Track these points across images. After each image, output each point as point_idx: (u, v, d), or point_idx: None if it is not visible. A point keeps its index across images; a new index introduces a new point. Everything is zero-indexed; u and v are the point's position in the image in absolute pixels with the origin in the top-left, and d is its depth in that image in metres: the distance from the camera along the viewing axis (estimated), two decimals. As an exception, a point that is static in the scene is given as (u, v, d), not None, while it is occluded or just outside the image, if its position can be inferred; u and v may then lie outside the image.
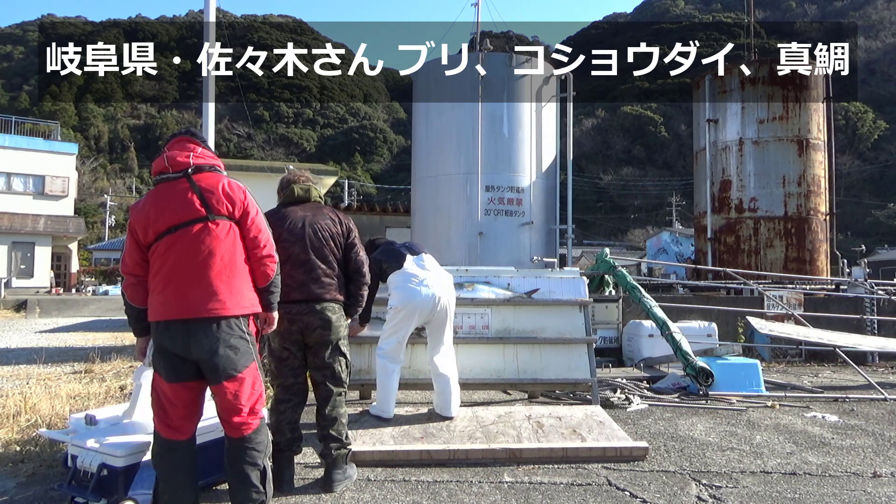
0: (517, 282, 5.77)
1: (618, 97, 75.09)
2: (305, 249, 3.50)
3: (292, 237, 3.51)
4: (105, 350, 9.07)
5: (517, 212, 9.98)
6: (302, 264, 3.48)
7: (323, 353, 3.50)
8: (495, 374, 5.34)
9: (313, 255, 3.51)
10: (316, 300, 3.47)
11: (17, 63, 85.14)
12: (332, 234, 3.60)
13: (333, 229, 3.62)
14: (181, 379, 2.79)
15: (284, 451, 3.44)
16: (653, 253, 31.09)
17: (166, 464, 2.81)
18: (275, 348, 3.52)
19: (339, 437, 3.50)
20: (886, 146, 60.86)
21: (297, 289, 3.44)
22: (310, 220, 3.59)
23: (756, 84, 11.87)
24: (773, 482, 3.68)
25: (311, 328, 3.45)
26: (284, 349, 3.50)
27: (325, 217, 3.65)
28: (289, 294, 3.37)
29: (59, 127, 38.60)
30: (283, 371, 3.53)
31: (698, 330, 8.02)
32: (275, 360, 3.54)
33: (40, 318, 19.34)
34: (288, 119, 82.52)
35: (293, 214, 3.60)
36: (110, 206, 51.73)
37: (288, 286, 3.36)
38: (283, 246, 3.41)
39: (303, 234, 3.53)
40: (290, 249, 3.47)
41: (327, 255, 3.56)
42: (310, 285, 3.46)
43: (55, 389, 5.93)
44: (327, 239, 3.58)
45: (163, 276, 2.81)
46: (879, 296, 9.47)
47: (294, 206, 3.67)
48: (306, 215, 3.61)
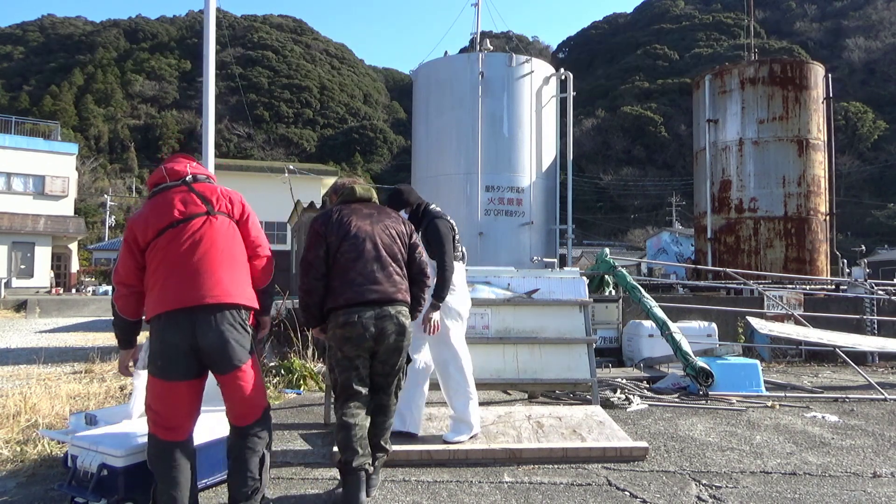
0: (517, 282, 5.78)
1: (618, 97, 75.15)
2: (377, 247, 3.32)
3: (362, 234, 3.32)
4: (105, 350, 9.08)
5: (517, 212, 9.99)
6: (375, 260, 3.29)
7: (394, 360, 3.31)
8: (495, 374, 5.33)
9: (385, 252, 3.33)
10: (390, 302, 3.26)
11: (17, 63, 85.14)
12: (399, 233, 3.47)
13: (398, 228, 3.49)
14: (183, 377, 2.77)
15: (358, 471, 3.12)
16: (653, 253, 31.09)
17: (165, 465, 2.77)
18: (341, 357, 3.24)
19: (386, 447, 3.41)
20: (886, 146, 60.84)
21: (370, 287, 3.22)
22: (376, 219, 3.44)
23: (756, 84, 11.88)
24: (773, 482, 3.68)
25: (386, 334, 3.23)
26: (355, 358, 3.22)
27: (390, 215, 3.54)
28: (362, 294, 3.20)
29: (59, 127, 38.62)
30: (353, 381, 3.23)
31: (698, 330, 8.03)
32: (342, 369, 3.24)
33: (40, 318, 19.34)
34: (288, 119, 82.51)
35: (359, 211, 3.44)
36: (110, 206, 51.73)
37: (360, 285, 3.21)
38: (353, 243, 3.28)
39: (373, 232, 3.35)
40: (361, 246, 3.29)
41: (396, 253, 3.40)
42: (384, 284, 3.26)
43: (55, 389, 5.93)
44: (395, 237, 3.43)
45: (163, 269, 2.81)
46: (879, 296, 9.47)
47: (357, 205, 3.50)
48: (373, 213, 3.47)
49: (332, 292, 3.26)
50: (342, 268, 3.25)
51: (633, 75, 78.99)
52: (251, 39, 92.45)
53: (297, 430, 4.74)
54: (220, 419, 3.50)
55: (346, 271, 3.24)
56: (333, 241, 3.28)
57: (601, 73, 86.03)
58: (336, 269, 3.26)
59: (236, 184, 31.56)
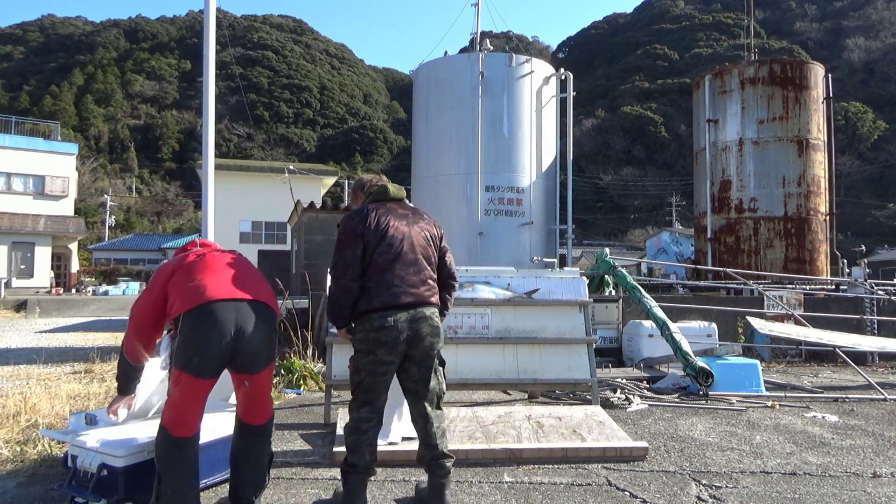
0: (517, 282, 5.77)
1: (618, 97, 75.14)
2: (413, 248, 3.25)
3: (399, 234, 3.23)
4: (105, 350, 9.08)
5: (517, 212, 9.99)
6: (411, 264, 3.21)
7: (429, 363, 3.22)
8: (495, 374, 5.33)
9: (420, 255, 3.27)
10: (425, 304, 3.20)
11: (17, 63, 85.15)
12: (432, 236, 3.40)
13: (431, 230, 3.41)
14: (213, 375, 2.85)
15: (361, 474, 3.13)
16: (653, 253, 31.09)
17: (174, 460, 2.80)
18: (370, 362, 3.13)
19: (449, 453, 3.24)
20: (886, 146, 60.84)
21: (406, 291, 3.15)
22: (411, 220, 3.35)
23: (756, 84, 11.87)
24: (773, 482, 3.68)
25: (421, 337, 3.15)
26: (385, 363, 3.12)
27: (423, 218, 3.44)
28: (398, 297, 3.11)
29: (59, 127, 38.61)
30: (378, 388, 3.15)
31: (698, 330, 8.03)
32: (369, 375, 3.13)
33: (40, 318, 19.34)
34: (288, 119, 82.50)
35: (395, 211, 3.34)
36: (110, 206, 51.75)
37: (397, 288, 3.13)
38: (390, 243, 3.19)
39: (409, 233, 3.27)
40: (399, 247, 3.20)
41: (430, 256, 3.33)
42: (419, 287, 3.20)
43: (55, 389, 5.94)
44: (428, 240, 3.36)
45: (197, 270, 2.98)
46: (879, 296, 9.47)
47: (392, 204, 3.39)
48: (407, 213, 3.37)
49: (366, 294, 3.16)
50: (379, 269, 3.16)
51: (633, 75, 79.00)
52: (251, 39, 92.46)
53: (297, 430, 4.74)
54: (219, 419, 3.50)
55: (382, 273, 3.16)
56: (371, 240, 3.18)
57: (601, 73, 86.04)
58: (372, 270, 3.17)
59: (236, 184, 31.73)
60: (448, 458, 3.20)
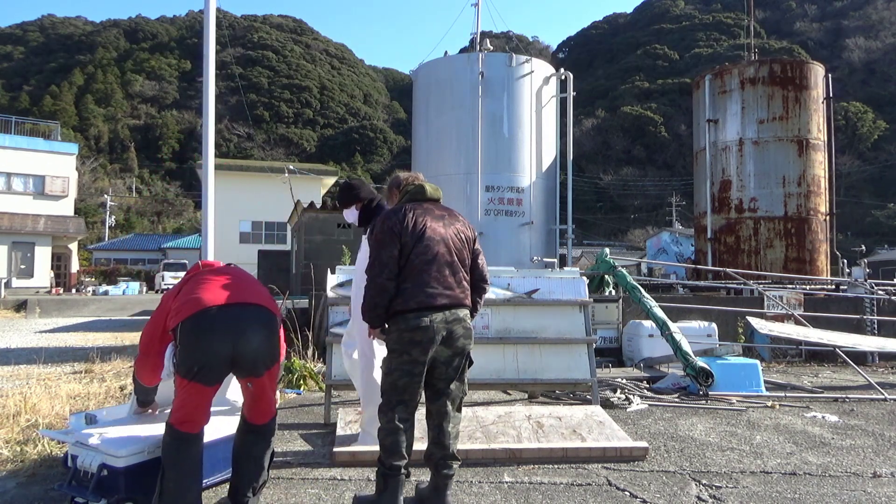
0: (517, 282, 5.77)
1: (618, 97, 75.14)
2: (450, 250, 3.25)
3: (437, 236, 3.23)
4: (105, 350, 9.08)
5: (517, 212, 9.99)
6: (448, 265, 3.22)
7: (458, 362, 3.23)
8: (495, 374, 5.33)
9: (456, 258, 3.28)
10: (460, 306, 3.22)
11: (17, 63, 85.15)
12: (467, 238, 3.39)
13: (466, 233, 3.41)
14: (217, 381, 2.94)
15: (398, 476, 3.11)
16: (653, 253, 31.09)
17: (179, 455, 2.86)
18: (404, 362, 3.12)
19: (457, 455, 3.24)
20: (886, 146, 60.85)
21: (443, 293, 3.16)
22: (448, 221, 3.35)
23: (756, 84, 11.87)
24: (773, 482, 3.68)
25: (455, 337, 3.16)
26: (420, 363, 3.11)
27: (458, 220, 3.44)
28: (434, 298, 3.13)
29: (59, 127, 38.62)
30: (412, 388, 3.13)
31: (698, 330, 8.02)
32: (404, 375, 3.11)
33: (40, 318, 19.34)
34: (288, 119, 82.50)
35: (431, 212, 3.33)
36: (110, 206, 51.76)
37: (433, 289, 3.13)
38: (428, 244, 3.18)
39: (446, 235, 3.27)
40: (436, 249, 3.20)
41: (465, 259, 3.34)
42: (455, 289, 3.21)
43: (55, 389, 5.93)
44: (464, 242, 3.35)
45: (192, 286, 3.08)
46: (879, 296, 9.47)
47: (429, 205, 3.39)
48: (444, 215, 3.37)
49: (401, 294, 3.15)
50: (416, 270, 3.15)
51: (633, 75, 79.00)
52: (251, 39, 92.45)
53: (297, 430, 4.74)
54: (219, 419, 3.50)
55: (419, 273, 3.14)
56: (408, 241, 3.17)
57: (601, 73, 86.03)
58: (408, 271, 3.16)
59: (236, 184, 31.71)
60: (456, 461, 3.21)
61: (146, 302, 24.55)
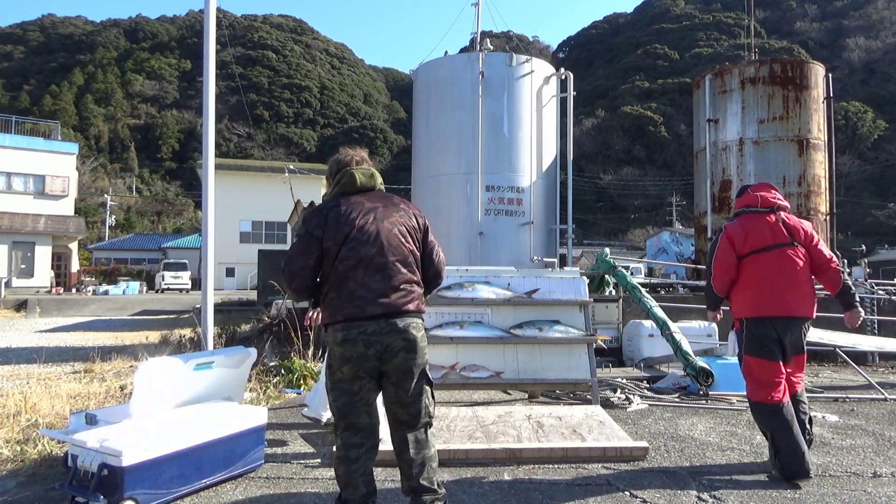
0: (517, 282, 5.77)
1: (618, 97, 75.13)
2: (382, 251, 2.82)
3: (363, 235, 2.81)
4: (105, 350, 9.07)
5: (517, 212, 9.98)
6: (379, 269, 2.79)
7: (407, 384, 2.81)
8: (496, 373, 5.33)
9: (391, 258, 2.83)
10: (397, 314, 2.78)
11: (17, 63, 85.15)
12: (409, 230, 2.94)
13: (409, 224, 2.95)
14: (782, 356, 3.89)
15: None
16: (653, 253, 31.11)
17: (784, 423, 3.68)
18: (343, 379, 2.79)
19: (433, 487, 2.83)
20: (886, 146, 60.84)
21: (373, 301, 2.75)
22: (381, 214, 2.90)
23: (756, 84, 11.86)
24: (774, 482, 3.68)
25: (393, 351, 2.76)
26: (357, 379, 2.77)
27: (398, 209, 2.96)
28: (364, 308, 2.74)
29: (59, 127, 38.61)
30: (355, 408, 2.79)
31: (698, 330, 8.02)
32: (343, 394, 2.80)
33: (40, 317, 19.34)
34: (288, 119, 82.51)
35: (360, 207, 2.89)
36: (110, 205, 51.77)
37: (362, 298, 2.75)
38: (353, 247, 2.79)
39: (377, 232, 2.83)
40: (363, 251, 2.79)
41: (407, 255, 2.88)
42: (390, 295, 2.78)
43: (55, 389, 5.93)
44: (405, 235, 2.91)
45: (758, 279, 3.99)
46: (879, 296, 9.47)
47: (358, 197, 2.94)
48: (376, 207, 2.91)
49: (329, 305, 2.82)
50: (341, 277, 2.79)
51: (633, 75, 78.99)
52: (251, 39, 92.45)
53: (297, 430, 4.74)
54: (219, 419, 3.51)
55: (345, 281, 2.78)
56: (331, 245, 2.80)
57: (601, 73, 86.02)
58: (334, 279, 2.81)
59: (236, 184, 31.79)
60: (429, 493, 2.82)
61: (146, 302, 24.55)
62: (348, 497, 2.77)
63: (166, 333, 10.96)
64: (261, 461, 3.79)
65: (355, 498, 2.76)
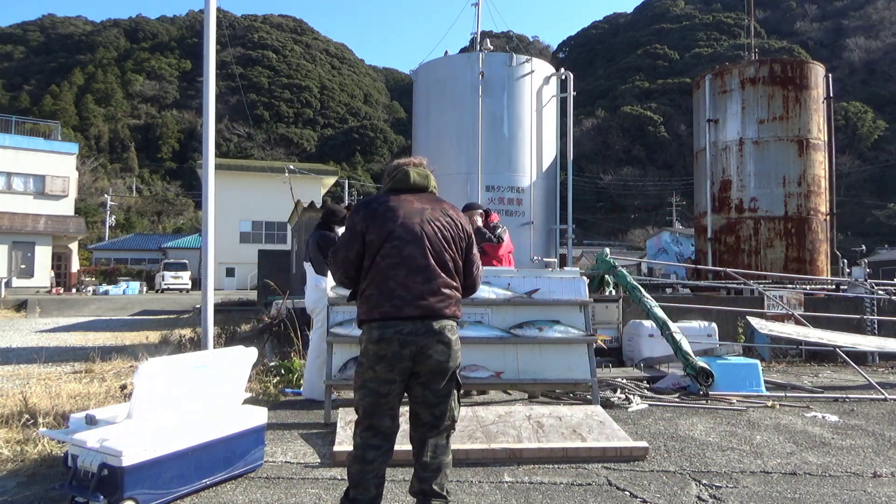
0: (517, 282, 5.77)
1: (618, 97, 75.16)
2: (424, 252, 2.76)
3: (407, 235, 2.75)
4: (105, 350, 9.07)
5: (517, 212, 9.99)
6: (420, 271, 2.74)
7: (437, 386, 2.76)
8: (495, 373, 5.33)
9: (433, 261, 2.77)
10: (435, 317, 2.73)
11: (17, 63, 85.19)
12: (454, 237, 2.87)
13: (454, 231, 2.88)
14: None
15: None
16: (653, 253, 31.11)
17: None
18: (372, 378, 2.73)
19: (442, 493, 2.80)
20: (886, 146, 60.88)
21: (411, 302, 2.70)
22: (429, 216, 2.84)
23: (756, 84, 11.86)
24: (774, 482, 3.68)
25: (426, 353, 2.71)
26: (387, 383, 2.72)
27: (445, 214, 2.90)
28: (401, 309, 2.69)
29: (59, 127, 38.64)
30: (381, 410, 2.76)
31: (698, 330, 8.01)
32: (371, 394, 2.74)
33: (40, 317, 19.34)
34: (288, 119, 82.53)
35: (408, 206, 2.83)
36: (110, 205, 51.77)
37: (401, 298, 2.70)
38: (396, 245, 2.74)
39: (421, 233, 2.77)
40: (405, 251, 2.74)
41: (447, 261, 2.82)
42: (428, 298, 2.73)
43: (55, 389, 5.94)
44: (449, 241, 2.84)
45: None
46: (879, 296, 9.46)
47: (408, 195, 2.89)
48: (425, 209, 2.86)
49: (366, 301, 2.77)
50: (381, 274, 2.74)
51: (633, 75, 79.02)
52: (251, 39, 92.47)
53: (297, 430, 4.74)
54: (219, 419, 3.51)
55: (385, 279, 2.74)
56: (374, 240, 2.76)
57: (601, 73, 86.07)
58: (374, 275, 2.76)
59: (236, 184, 31.77)
60: (438, 499, 2.78)
61: (146, 302, 24.56)
62: (357, 496, 2.73)
63: (166, 333, 10.97)
64: (261, 461, 3.79)
65: (364, 499, 2.72)
